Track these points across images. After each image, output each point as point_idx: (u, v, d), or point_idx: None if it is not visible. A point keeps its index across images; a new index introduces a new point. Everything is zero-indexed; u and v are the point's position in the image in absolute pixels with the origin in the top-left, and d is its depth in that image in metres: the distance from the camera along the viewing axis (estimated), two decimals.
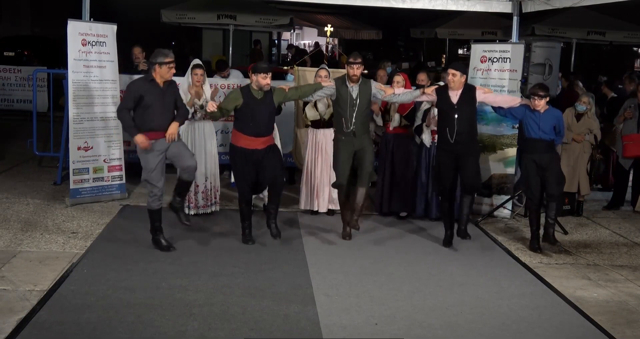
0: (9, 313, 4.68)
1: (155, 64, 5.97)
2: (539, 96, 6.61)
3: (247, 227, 6.56)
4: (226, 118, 8.72)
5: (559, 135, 6.83)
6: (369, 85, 6.69)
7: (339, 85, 6.64)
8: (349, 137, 6.61)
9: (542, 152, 6.69)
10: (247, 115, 6.31)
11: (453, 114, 6.55)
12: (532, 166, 6.72)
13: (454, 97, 6.58)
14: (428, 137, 7.42)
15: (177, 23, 15.19)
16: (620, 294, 5.72)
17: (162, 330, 4.53)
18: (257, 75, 6.26)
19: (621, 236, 7.55)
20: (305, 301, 5.17)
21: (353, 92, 6.58)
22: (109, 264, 5.71)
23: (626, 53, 23.79)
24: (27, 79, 13.54)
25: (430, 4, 8.18)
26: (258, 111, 6.30)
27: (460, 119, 6.54)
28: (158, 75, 5.99)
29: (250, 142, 6.32)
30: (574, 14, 13.97)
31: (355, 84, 6.59)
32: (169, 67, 5.97)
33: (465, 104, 6.58)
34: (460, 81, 6.56)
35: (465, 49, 26.83)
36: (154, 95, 5.97)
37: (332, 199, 7.61)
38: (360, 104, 6.58)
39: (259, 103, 6.31)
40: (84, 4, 7.69)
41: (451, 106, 6.57)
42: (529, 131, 6.74)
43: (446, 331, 4.79)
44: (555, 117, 6.74)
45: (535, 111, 6.66)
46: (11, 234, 6.43)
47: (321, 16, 22.51)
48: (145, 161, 6.02)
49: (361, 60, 6.59)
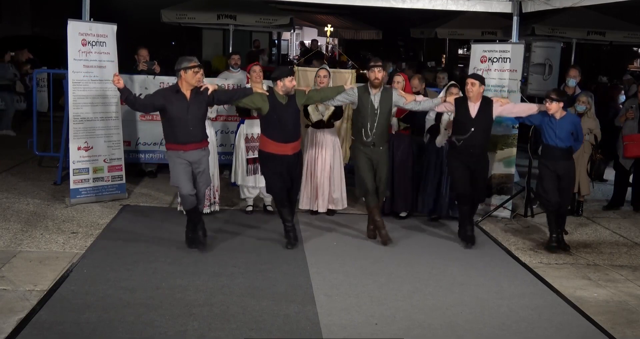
0: (9, 313, 4.68)
1: (180, 70, 5.85)
2: (551, 98, 6.54)
3: (291, 230, 6.45)
4: (226, 118, 8.78)
5: (577, 141, 6.76)
6: (390, 93, 6.59)
7: (361, 93, 6.53)
8: (367, 148, 6.57)
9: (558, 160, 6.65)
10: (274, 121, 6.21)
11: (469, 127, 6.54)
12: (548, 171, 6.69)
13: (472, 110, 6.56)
14: (443, 139, 7.42)
15: (177, 23, 15.18)
16: (620, 294, 5.72)
17: (162, 330, 4.54)
18: (284, 79, 6.15)
19: (621, 236, 7.55)
20: (305, 301, 5.17)
21: (375, 101, 6.48)
22: (109, 264, 5.71)
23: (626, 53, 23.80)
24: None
25: (430, 4, 8.18)
26: (284, 116, 6.20)
27: (476, 132, 6.54)
28: (184, 82, 5.89)
29: (279, 148, 6.23)
30: (574, 14, 13.97)
31: (377, 91, 6.49)
32: (194, 72, 5.84)
33: (482, 118, 6.57)
34: (479, 91, 6.53)
35: (465, 49, 26.84)
36: (178, 107, 5.86)
37: (332, 199, 7.62)
38: (381, 112, 6.49)
39: (284, 108, 6.21)
40: (84, 4, 7.69)
41: (469, 119, 6.56)
42: (546, 137, 6.70)
43: (446, 331, 4.79)
44: (572, 123, 6.67)
45: (552, 117, 6.60)
46: (11, 234, 6.43)
47: (321, 16, 22.53)
48: (171, 165, 6.03)
49: (382, 63, 6.49)
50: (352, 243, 6.70)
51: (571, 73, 8.21)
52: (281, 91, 6.21)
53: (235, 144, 7.65)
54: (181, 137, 5.91)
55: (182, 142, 5.93)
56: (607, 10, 14.45)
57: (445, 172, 7.48)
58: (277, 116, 6.19)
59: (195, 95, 5.96)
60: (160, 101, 5.90)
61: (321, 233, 6.96)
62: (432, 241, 6.94)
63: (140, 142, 8.73)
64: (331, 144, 7.55)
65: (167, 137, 6.01)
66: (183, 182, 5.96)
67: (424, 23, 19.05)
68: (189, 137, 5.93)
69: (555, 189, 6.68)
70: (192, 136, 5.94)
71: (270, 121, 6.23)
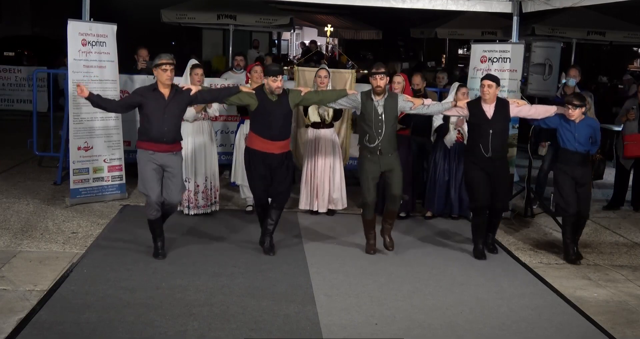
0: (9, 313, 4.68)
1: (153, 68, 5.81)
2: (574, 105, 6.30)
3: (267, 234, 6.27)
4: (226, 118, 8.78)
5: (595, 145, 6.53)
6: (396, 98, 6.30)
7: (364, 99, 6.26)
8: (374, 156, 6.26)
9: (576, 165, 6.44)
10: (261, 117, 6.10)
11: (487, 129, 6.24)
12: (566, 178, 6.45)
13: (488, 111, 6.28)
14: (453, 138, 7.40)
15: (177, 23, 15.19)
16: (620, 294, 5.72)
17: (162, 330, 4.53)
18: (267, 78, 6.04)
19: (621, 236, 7.55)
20: (305, 301, 5.17)
21: (379, 107, 6.19)
22: (109, 264, 5.71)
23: (626, 53, 23.80)
24: (27, 79, 13.57)
25: (430, 4, 8.18)
26: (272, 113, 6.07)
27: (495, 135, 6.24)
28: (159, 82, 5.81)
29: (265, 146, 6.11)
30: (574, 14, 13.97)
31: (380, 98, 6.21)
32: (162, 70, 5.72)
33: (500, 119, 6.29)
34: (495, 93, 6.25)
35: (465, 49, 26.83)
36: (154, 105, 5.76)
37: (332, 199, 7.62)
38: (386, 119, 6.21)
39: (273, 105, 6.08)
40: (84, 4, 7.69)
41: (486, 121, 6.26)
42: (564, 141, 6.46)
43: (446, 331, 4.79)
44: (591, 127, 6.44)
45: (571, 121, 6.38)
46: (11, 234, 6.43)
47: (321, 16, 22.53)
48: (140, 168, 5.83)
49: (384, 70, 6.17)
50: (352, 243, 6.70)
51: (571, 73, 8.22)
52: (267, 89, 6.10)
53: (235, 144, 7.65)
54: (154, 136, 5.75)
55: (154, 141, 5.76)
56: (607, 10, 14.45)
57: (453, 172, 7.49)
58: (265, 113, 6.08)
59: (175, 95, 5.85)
60: (137, 99, 5.81)
61: (321, 233, 6.96)
62: (432, 241, 6.94)
63: None
64: (331, 144, 7.54)
65: (140, 135, 5.85)
66: (153, 189, 5.75)
67: (424, 23, 19.06)
68: (162, 137, 5.77)
69: (574, 197, 6.42)
70: (165, 136, 5.78)
71: (258, 118, 6.14)
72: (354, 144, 8.74)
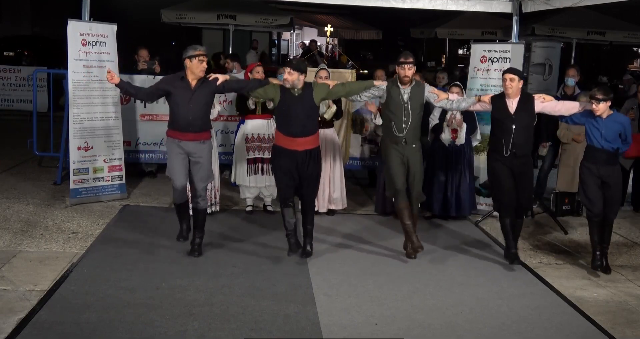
0: (9, 313, 4.68)
1: (185, 58, 5.80)
2: (597, 99, 5.94)
3: (291, 235, 6.14)
4: (226, 118, 8.78)
5: (626, 142, 6.14)
6: (422, 88, 6.22)
7: (389, 87, 6.17)
8: (399, 146, 6.17)
9: (603, 164, 6.09)
10: (283, 113, 5.94)
11: (510, 125, 6.04)
12: (591, 176, 6.13)
13: (511, 106, 6.07)
14: (448, 137, 7.40)
15: (177, 23, 15.20)
16: (620, 294, 5.72)
17: (162, 330, 4.53)
18: (284, 70, 5.95)
19: (621, 236, 7.54)
20: (305, 301, 5.17)
21: (404, 95, 6.12)
22: (109, 264, 5.71)
23: (626, 53, 23.82)
24: (27, 79, 13.56)
25: (430, 4, 8.18)
26: (293, 108, 5.87)
27: (518, 130, 6.03)
28: (189, 71, 5.81)
29: (286, 142, 5.93)
30: (574, 14, 13.99)
31: (407, 87, 6.13)
32: (199, 61, 5.75)
33: (523, 114, 6.07)
34: (518, 87, 6.04)
35: (465, 49, 26.86)
36: (181, 95, 5.79)
37: (332, 199, 7.62)
38: (412, 108, 6.12)
39: (295, 100, 5.88)
40: (84, 4, 7.68)
41: (508, 116, 6.06)
42: (590, 138, 6.14)
43: (446, 331, 4.79)
44: (620, 123, 6.08)
45: (598, 117, 6.03)
46: (11, 234, 6.43)
47: (321, 16, 22.56)
48: (168, 154, 6.00)
49: (412, 60, 6.07)
50: (352, 243, 6.70)
51: (570, 72, 8.22)
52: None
53: (236, 144, 7.65)
54: (180, 125, 5.83)
55: (181, 130, 5.84)
56: (607, 10, 14.47)
57: (451, 172, 7.49)
58: (286, 108, 5.94)
59: (201, 85, 5.85)
60: (165, 87, 5.87)
61: (321, 233, 6.95)
62: (432, 241, 6.93)
63: (140, 142, 8.73)
64: (331, 143, 7.54)
65: (169, 123, 5.96)
66: (176, 175, 5.92)
67: (424, 23, 19.08)
68: (188, 127, 5.84)
69: (599, 196, 6.12)
70: (191, 125, 5.84)
71: (280, 113, 6.02)
72: (354, 144, 8.76)
